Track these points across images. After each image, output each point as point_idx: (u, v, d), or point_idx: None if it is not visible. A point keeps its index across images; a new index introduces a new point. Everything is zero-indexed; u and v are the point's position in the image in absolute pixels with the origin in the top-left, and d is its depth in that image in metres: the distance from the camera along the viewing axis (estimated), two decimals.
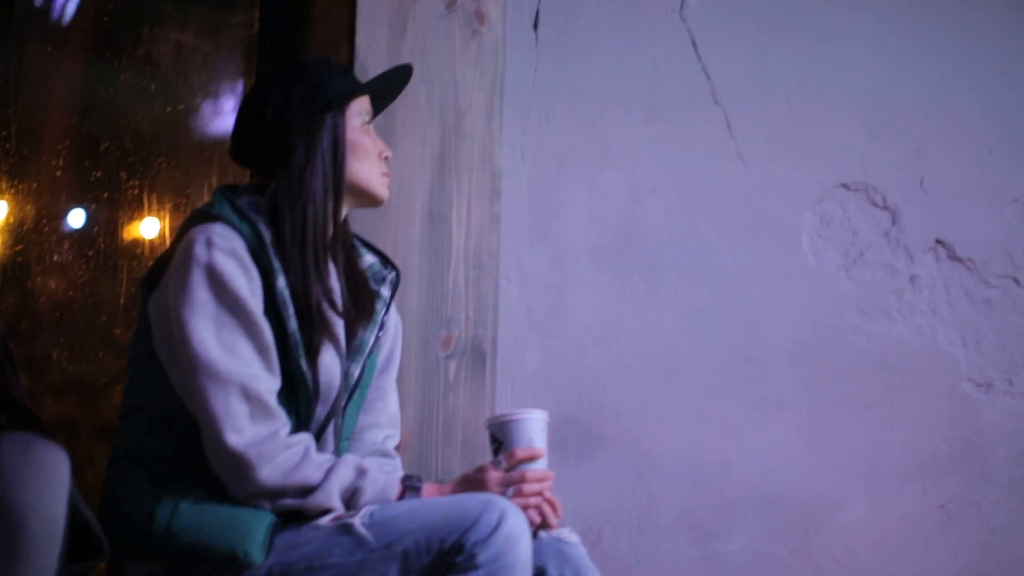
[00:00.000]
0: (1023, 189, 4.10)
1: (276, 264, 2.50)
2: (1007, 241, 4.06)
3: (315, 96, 2.61)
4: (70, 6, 3.78)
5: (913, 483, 3.91)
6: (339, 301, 2.65)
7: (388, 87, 2.80)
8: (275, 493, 2.41)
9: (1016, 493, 4.02)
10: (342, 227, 2.72)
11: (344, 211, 2.69)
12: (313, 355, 2.54)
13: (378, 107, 2.81)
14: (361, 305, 2.71)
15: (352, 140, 2.63)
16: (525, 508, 2.46)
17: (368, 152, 2.66)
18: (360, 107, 2.68)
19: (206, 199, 3.09)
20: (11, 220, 3.68)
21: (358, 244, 2.81)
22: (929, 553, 3.91)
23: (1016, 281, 4.06)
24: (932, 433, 3.94)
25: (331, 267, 2.67)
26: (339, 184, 2.61)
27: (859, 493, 3.86)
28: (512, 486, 2.51)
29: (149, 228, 3.77)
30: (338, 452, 2.64)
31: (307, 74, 2.64)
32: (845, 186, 3.91)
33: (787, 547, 3.77)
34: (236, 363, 2.41)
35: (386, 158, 2.70)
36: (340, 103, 2.62)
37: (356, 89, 2.67)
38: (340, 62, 2.75)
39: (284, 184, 2.58)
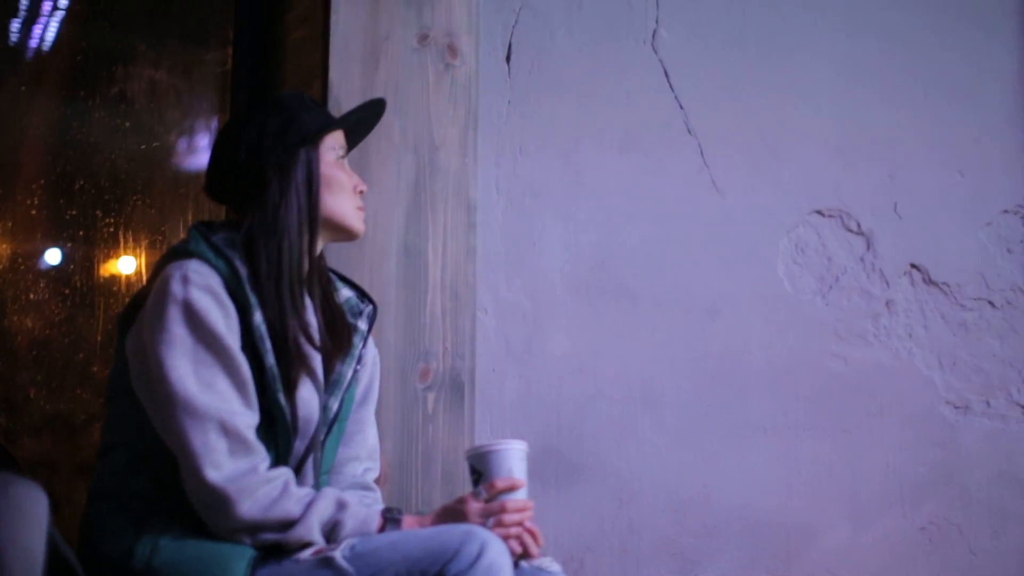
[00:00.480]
0: (996, 212, 4.12)
1: (253, 299, 2.50)
2: (981, 264, 4.08)
3: (288, 131, 2.61)
4: (44, 44, 3.79)
5: (893, 506, 3.92)
6: (316, 335, 2.65)
7: (362, 121, 2.81)
8: (255, 528, 2.40)
9: (996, 514, 4.03)
10: (319, 261, 2.73)
11: (320, 245, 2.69)
12: (291, 389, 2.53)
13: (352, 142, 2.81)
14: (339, 339, 2.72)
15: (326, 174, 2.64)
16: (506, 538, 2.45)
17: (342, 186, 2.66)
18: (334, 142, 2.68)
19: (182, 236, 3.09)
20: None
21: (334, 278, 2.81)
22: (911, 575, 3.92)
23: (991, 303, 4.08)
24: (911, 456, 3.95)
25: (308, 301, 2.68)
26: (314, 218, 2.62)
27: (840, 517, 3.87)
28: (492, 516, 2.51)
29: (125, 265, 3.77)
30: (318, 486, 2.64)
31: (280, 109, 2.65)
32: (819, 212, 3.93)
33: (769, 572, 3.77)
34: (214, 399, 2.41)
35: (361, 192, 2.71)
36: (314, 138, 2.63)
37: (329, 124, 2.67)
38: (313, 97, 2.75)
39: (259, 219, 2.59)
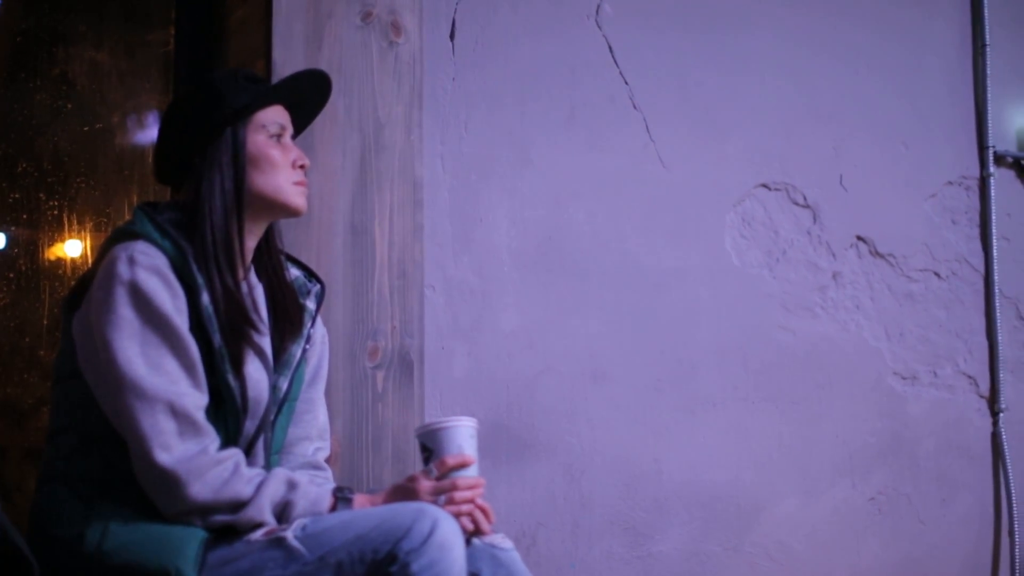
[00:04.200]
0: (940, 184, 4.16)
1: (200, 280, 2.49)
2: (926, 235, 4.12)
3: (214, 111, 2.60)
4: None
5: (843, 477, 3.95)
6: (264, 314, 2.65)
7: (306, 99, 2.79)
8: (206, 509, 2.39)
9: (944, 484, 4.07)
10: (268, 240, 2.72)
11: (261, 225, 2.68)
12: (239, 369, 2.52)
13: (301, 121, 2.80)
14: (289, 319, 2.71)
15: (254, 153, 2.62)
16: (457, 516, 2.46)
17: (274, 163, 2.64)
18: (268, 118, 2.66)
19: (127, 217, 3.07)
20: None
21: (282, 258, 2.80)
22: (861, 545, 3.95)
23: (937, 275, 4.11)
24: (860, 427, 3.99)
25: (255, 280, 2.67)
26: (240, 198, 2.60)
27: (790, 489, 3.89)
28: (444, 494, 2.51)
29: (70, 248, 3.74)
30: (268, 466, 2.63)
31: (208, 90, 2.64)
32: (765, 186, 3.95)
33: (720, 545, 3.80)
34: (162, 380, 2.40)
35: (302, 167, 2.69)
36: (241, 116, 2.62)
37: (256, 100, 2.65)
38: (252, 74, 2.72)
39: (189, 201, 2.58)
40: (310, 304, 2.78)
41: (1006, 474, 4.12)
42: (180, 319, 2.44)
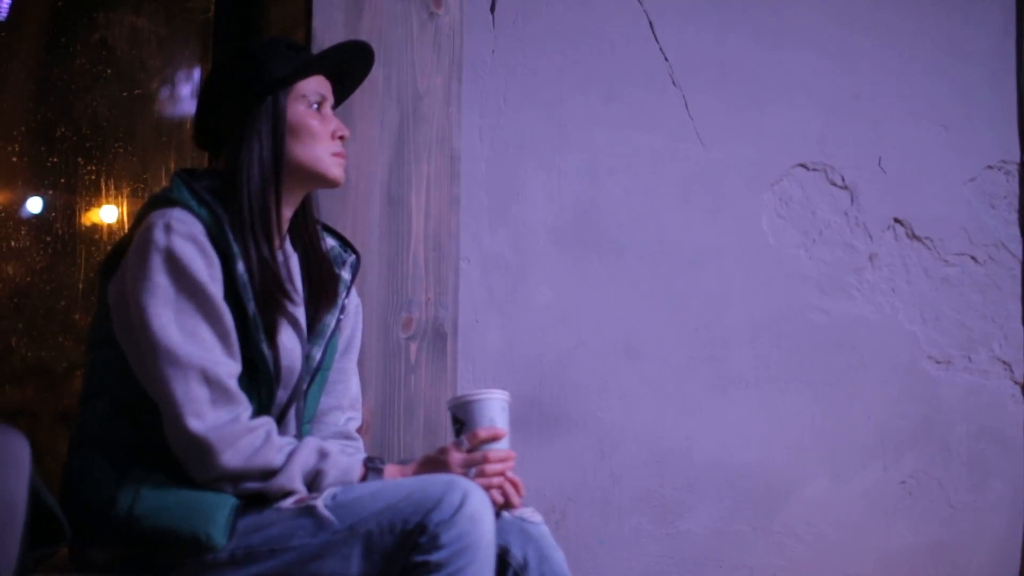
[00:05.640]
0: (980, 167, 4.13)
1: (235, 248, 2.49)
2: (964, 219, 4.09)
3: (256, 80, 2.59)
4: None
5: (874, 460, 3.94)
6: (299, 284, 2.65)
7: (347, 69, 2.78)
8: (237, 477, 2.40)
9: (975, 469, 4.05)
10: (305, 210, 2.72)
11: (298, 195, 2.68)
12: (273, 338, 2.53)
13: (343, 91, 2.80)
14: (324, 289, 2.71)
15: (294, 123, 2.61)
16: (488, 488, 2.46)
17: (314, 133, 2.63)
18: (309, 89, 2.65)
19: (164, 184, 3.08)
20: None
21: (318, 228, 2.80)
22: (890, 529, 3.94)
23: (974, 259, 4.09)
24: (892, 410, 3.97)
25: (290, 250, 2.67)
26: (278, 168, 2.59)
27: (820, 470, 3.88)
28: (474, 467, 2.51)
29: (107, 213, 3.75)
30: (300, 435, 2.64)
31: (251, 58, 2.63)
32: (804, 166, 3.93)
33: (749, 524, 3.79)
34: (196, 348, 2.40)
35: (341, 137, 2.67)
36: (282, 85, 2.61)
37: (298, 69, 2.64)
38: (295, 43, 2.71)
39: (227, 169, 2.58)
40: (345, 274, 2.78)
41: None
42: (215, 287, 2.45)
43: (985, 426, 4.08)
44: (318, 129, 2.64)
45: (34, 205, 3.74)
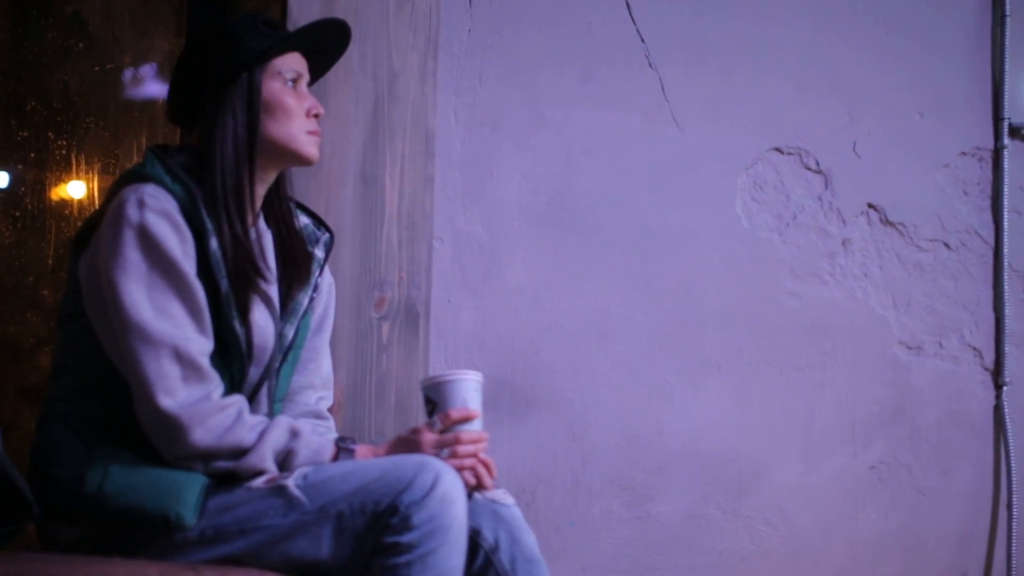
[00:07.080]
0: (954, 154, 4.12)
1: (209, 225, 2.48)
2: (938, 205, 4.09)
3: (230, 56, 2.57)
4: None
5: (844, 445, 3.94)
6: (271, 262, 2.63)
7: (321, 45, 2.76)
8: (208, 455, 2.39)
9: (945, 455, 4.06)
10: (278, 187, 2.71)
11: (272, 172, 2.66)
12: (246, 316, 2.51)
13: (318, 69, 2.78)
14: (297, 267, 2.70)
15: (269, 100, 2.59)
16: (460, 470, 2.46)
17: (288, 111, 2.61)
18: (285, 65, 2.63)
19: (135, 159, 3.06)
20: None
21: (292, 206, 2.78)
22: (860, 514, 3.94)
23: (946, 245, 4.09)
24: (863, 395, 3.97)
25: (264, 228, 2.66)
26: (252, 145, 2.58)
27: (791, 455, 3.88)
28: (447, 447, 2.51)
29: (77, 189, 3.73)
30: (271, 414, 2.63)
31: (226, 34, 2.60)
32: (778, 150, 3.93)
33: (719, 508, 3.79)
34: (168, 325, 2.39)
35: (316, 115, 2.66)
36: (258, 62, 2.59)
37: (274, 46, 2.62)
38: (271, 19, 2.69)
39: (201, 145, 2.56)
40: (319, 253, 2.76)
41: (1007, 448, 4.11)
42: (188, 264, 2.43)
43: (955, 412, 4.09)
44: (293, 106, 2.62)
45: (2, 179, 3.71)
